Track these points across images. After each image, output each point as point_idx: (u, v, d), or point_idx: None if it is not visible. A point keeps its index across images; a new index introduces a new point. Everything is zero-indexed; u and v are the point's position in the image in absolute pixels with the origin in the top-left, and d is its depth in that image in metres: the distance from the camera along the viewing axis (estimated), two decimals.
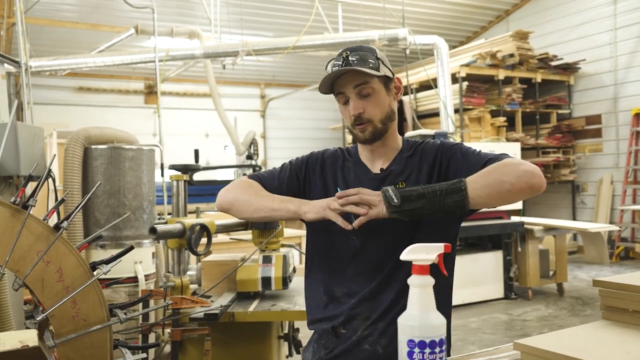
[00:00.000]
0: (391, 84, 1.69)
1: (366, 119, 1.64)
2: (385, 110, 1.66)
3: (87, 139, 3.56)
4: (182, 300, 2.50)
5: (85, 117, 10.68)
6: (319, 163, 1.78)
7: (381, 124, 1.66)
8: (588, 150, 10.13)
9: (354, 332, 1.64)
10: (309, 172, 1.78)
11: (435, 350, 1.07)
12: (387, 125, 1.67)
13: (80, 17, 9.40)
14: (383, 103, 1.65)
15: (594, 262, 8.86)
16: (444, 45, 8.13)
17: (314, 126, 13.67)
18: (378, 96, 1.64)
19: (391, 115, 1.68)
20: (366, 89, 1.63)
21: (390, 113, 1.68)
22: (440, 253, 1.15)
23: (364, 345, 1.63)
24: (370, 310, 1.63)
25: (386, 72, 1.65)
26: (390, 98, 1.68)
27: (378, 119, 1.65)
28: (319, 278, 1.74)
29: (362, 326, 1.63)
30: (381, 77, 1.65)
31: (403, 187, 1.53)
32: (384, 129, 1.67)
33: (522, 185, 1.43)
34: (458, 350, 4.83)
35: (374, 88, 1.64)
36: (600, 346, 1.30)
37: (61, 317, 1.51)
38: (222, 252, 4.31)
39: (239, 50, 7.63)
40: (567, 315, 6.05)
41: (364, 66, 1.60)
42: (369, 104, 1.64)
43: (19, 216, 1.51)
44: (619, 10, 9.55)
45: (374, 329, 1.62)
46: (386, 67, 1.66)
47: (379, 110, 1.65)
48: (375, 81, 1.63)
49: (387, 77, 1.67)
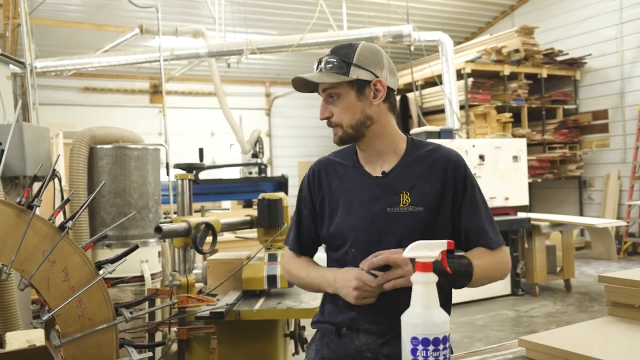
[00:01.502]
0: (366, 88, 1.60)
1: (335, 122, 1.63)
2: (356, 116, 1.60)
3: (92, 139, 3.57)
4: (187, 298, 2.51)
5: (91, 117, 10.71)
6: (316, 182, 1.76)
7: (351, 129, 1.61)
8: (595, 146, 10.08)
9: (357, 338, 1.65)
10: (313, 194, 1.77)
11: (439, 348, 1.07)
12: (359, 131, 1.62)
13: (85, 17, 9.42)
14: (353, 108, 1.60)
15: (602, 257, 8.82)
16: (449, 42, 8.10)
17: (319, 124, 13.36)
18: (345, 101, 1.60)
19: (365, 121, 1.61)
20: (333, 94, 1.62)
21: (364, 119, 1.61)
22: (443, 250, 1.15)
23: (366, 352, 1.64)
24: (371, 322, 1.63)
25: (360, 76, 1.58)
26: (364, 103, 1.61)
27: (347, 124, 1.61)
28: None
29: (363, 335, 1.64)
30: (351, 82, 1.59)
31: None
32: (355, 134, 1.63)
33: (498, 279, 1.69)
34: (465, 347, 4.82)
35: (341, 93, 1.60)
36: (606, 342, 1.30)
37: (67, 316, 1.52)
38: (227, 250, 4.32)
39: (244, 49, 7.63)
40: (574, 312, 6.03)
41: (332, 71, 1.59)
42: (337, 109, 1.62)
43: (24, 216, 1.52)
44: (624, 4, 9.48)
45: (376, 339, 1.63)
46: (364, 69, 1.59)
47: (347, 116, 1.61)
48: (342, 86, 1.59)
49: (361, 80, 1.59)
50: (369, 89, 1.61)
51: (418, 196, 1.61)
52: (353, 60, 1.59)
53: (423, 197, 1.61)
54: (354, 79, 1.59)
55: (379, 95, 1.61)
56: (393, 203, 1.62)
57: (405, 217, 1.60)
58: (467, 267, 1.54)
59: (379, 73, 1.61)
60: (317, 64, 1.64)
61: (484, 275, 1.60)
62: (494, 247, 1.64)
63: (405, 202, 1.61)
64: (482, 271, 1.58)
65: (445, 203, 1.63)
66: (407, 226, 1.60)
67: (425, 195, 1.61)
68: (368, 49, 1.62)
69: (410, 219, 1.60)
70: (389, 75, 1.64)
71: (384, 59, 1.64)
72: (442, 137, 6.61)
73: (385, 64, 1.64)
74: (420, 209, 1.60)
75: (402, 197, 1.62)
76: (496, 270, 1.65)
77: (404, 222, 1.60)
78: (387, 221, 1.61)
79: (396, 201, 1.62)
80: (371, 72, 1.60)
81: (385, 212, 1.62)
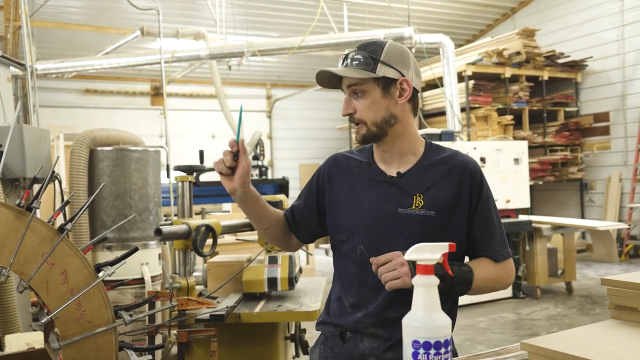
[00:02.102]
0: (392, 86, 1.60)
1: (358, 119, 1.62)
2: (381, 114, 1.59)
3: (92, 141, 3.57)
4: (188, 301, 2.50)
5: (92, 119, 10.72)
6: (327, 174, 1.77)
7: (376, 127, 1.60)
8: (596, 148, 10.07)
9: (361, 342, 1.64)
10: (320, 185, 1.78)
11: (441, 351, 1.06)
12: (383, 129, 1.61)
13: (86, 20, 9.43)
14: (377, 105, 1.59)
15: (603, 260, 8.80)
16: (450, 44, 8.10)
17: (320, 126, 13.66)
18: (371, 98, 1.59)
19: (390, 119, 1.60)
20: (358, 90, 1.60)
21: (389, 117, 1.60)
22: (445, 252, 1.14)
23: (370, 357, 1.63)
24: (376, 325, 1.62)
25: (387, 74, 1.58)
26: (389, 101, 1.60)
27: (371, 122, 1.60)
28: (337, 284, 1.75)
29: (368, 339, 1.63)
30: (377, 79, 1.58)
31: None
32: (379, 132, 1.61)
33: (499, 290, 1.70)
34: (466, 350, 4.81)
35: (366, 90, 1.59)
36: (609, 346, 1.28)
37: (66, 319, 1.51)
38: (228, 252, 4.30)
39: (245, 51, 7.63)
40: (576, 314, 6.01)
41: (359, 67, 1.58)
42: (361, 105, 1.60)
43: (23, 218, 1.51)
44: (626, 7, 9.48)
45: (380, 343, 1.62)
46: (391, 67, 1.58)
47: (371, 113, 1.59)
48: (368, 82, 1.58)
49: (387, 78, 1.59)
50: (395, 88, 1.60)
51: (432, 200, 1.60)
52: (381, 57, 1.58)
53: (437, 201, 1.60)
54: (380, 76, 1.58)
55: (404, 94, 1.61)
56: (406, 204, 1.61)
57: (416, 219, 1.59)
58: (467, 275, 1.54)
59: (406, 72, 1.61)
60: (343, 59, 1.63)
61: (484, 286, 1.60)
62: (499, 260, 1.65)
63: (418, 205, 1.60)
64: (483, 281, 1.58)
65: (460, 210, 1.61)
66: (418, 228, 1.58)
67: (439, 200, 1.60)
68: (396, 47, 1.62)
69: (422, 221, 1.59)
70: (414, 76, 1.63)
71: (411, 59, 1.63)
72: (443, 140, 6.60)
73: (412, 64, 1.63)
74: (432, 212, 1.59)
75: (416, 199, 1.60)
76: (497, 281, 1.65)
77: (414, 224, 1.59)
78: (398, 221, 1.60)
79: (409, 202, 1.60)
80: (398, 70, 1.59)
81: (397, 213, 1.60)
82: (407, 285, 1.41)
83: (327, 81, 1.65)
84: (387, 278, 1.44)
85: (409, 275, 1.42)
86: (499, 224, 1.67)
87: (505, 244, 1.67)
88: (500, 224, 1.68)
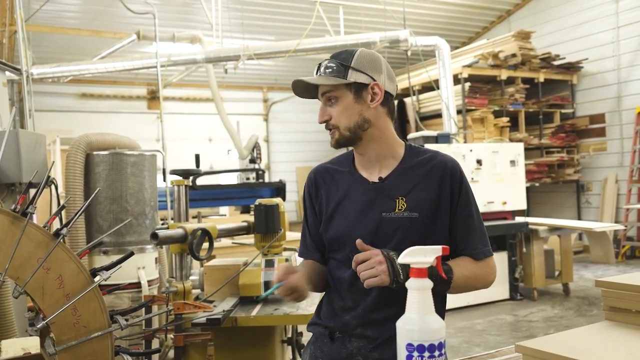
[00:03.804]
0: (364, 91, 1.62)
1: (332, 125, 1.65)
2: (354, 119, 1.62)
3: (88, 145, 3.57)
4: (184, 305, 2.50)
5: (89, 124, 10.69)
6: (314, 187, 1.78)
7: (348, 131, 1.63)
8: (592, 150, 10.09)
9: (349, 342, 1.66)
10: (313, 200, 1.79)
11: (435, 354, 1.07)
12: (357, 134, 1.63)
13: (82, 24, 9.43)
14: (350, 110, 1.62)
15: (600, 261, 8.82)
16: (446, 46, 8.12)
17: (317, 129, 13.52)
18: (343, 104, 1.62)
19: (363, 124, 1.63)
20: (332, 97, 1.63)
21: (362, 121, 1.62)
22: (438, 256, 1.15)
23: (357, 357, 1.65)
24: (363, 326, 1.65)
25: (358, 79, 1.60)
26: (361, 106, 1.62)
27: (344, 127, 1.63)
28: (329, 288, 1.78)
29: (355, 339, 1.66)
30: (349, 85, 1.61)
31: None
32: (352, 136, 1.64)
33: (480, 289, 1.68)
34: (464, 352, 4.81)
35: (339, 96, 1.62)
36: (603, 347, 1.29)
37: (62, 324, 1.51)
38: (225, 256, 4.30)
39: (241, 55, 7.64)
40: (573, 316, 6.02)
41: (332, 74, 1.61)
42: (335, 111, 1.63)
43: (18, 223, 1.51)
44: (621, 9, 9.52)
45: (367, 342, 1.64)
46: (362, 73, 1.61)
47: (345, 118, 1.62)
48: (340, 89, 1.61)
49: (358, 83, 1.61)
50: (367, 92, 1.62)
51: (414, 202, 1.62)
52: (351, 64, 1.61)
53: (419, 202, 1.62)
54: (351, 82, 1.60)
55: (376, 98, 1.62)
56: (389, 208, 1.62)
57: (400, 222, 1.61)
58: (446, 274, 1.53)
59: (377, 77, 1.63)
60: (317, 69, 1.66)
61: (464, 284, 1.60)
62: (480, 258, 1.65)
63: (401, 208, 1.61)
64: (463, 280, 1.58)
65: (442, 210, 1.63)
66: (402, 231, 1.60)
67: (421, 202, 1.62)
68: (366, 54, 1.65)
69: (405, 224, 1.60)
70: (387, 80, 1.65)
71: (382, 65, 1.66)
72: (439, 142, 6.61)
73: (384, 69, 1.65)
74: (416, 214, 1.60)
75: (398, 203, 1.62)
76: (478, 280, 1.65)
77: (398, 227, 1.60)
78: (382, 226, 1.62)
79: (392, 206, 1.62)
80: (369, 75, 1.62)
81: (381, 217, 1.62)
82: (384, 283, 1.44)
83: (304, 91, 1.69)
84: (365, 276, 1.45)
85: (387, 273, 1.44)
86: (480, 222, 1.68)
87: (486, 242, 1.68)
88: (481, 222, 1.69)
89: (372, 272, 1.45)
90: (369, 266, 1.45)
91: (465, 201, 1.66)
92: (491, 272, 1.68)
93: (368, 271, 1.45)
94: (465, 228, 1.65)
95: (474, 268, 1.64)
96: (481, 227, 1.68)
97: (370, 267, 1.45)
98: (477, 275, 1.64)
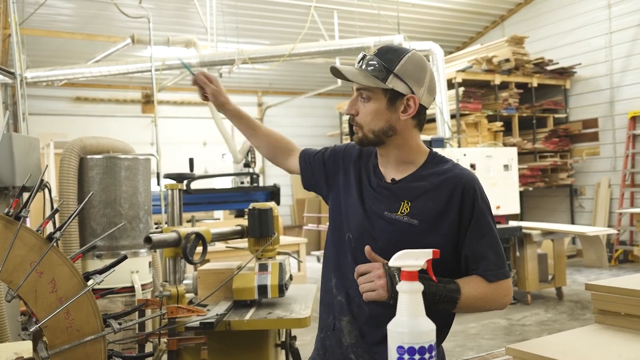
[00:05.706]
0: (399, 101, 1.56)
1: (357, 122, 1.62)
2: (380, 124, 1.58)
3: (82, 149, 3.56)
4: (177, 309, 2.50)
5: (83, 127, 10.68)
6: (340, 156, 1.81)
7: (372, 134, 1.60)
8: (585, 154, 10.14)
9: (343, 338, 1.69)
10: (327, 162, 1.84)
11: (425, 357, 1.08)
12: (380, 138, 1.60)
13: (76, 28, 9.42)
14: (379, 115, 1.57)
15: (593, 265, 8.84)
16: (439, 51, 8.16)
17: (311, 133, 13.68)
18: (375, 106, 1.57)
19: (388, 131, 1.59)
20: (365, 95, 1.59)
21: (387, 128, 1.58)
22: (428, 259, 1.16)
23: (350, 355, 1.66)
24: (352, 325, 1.67)
25: (396, 87, 1.54)
26: (392, 114, 1.57)
27: (369, 129, 1.59)
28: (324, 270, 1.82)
29: (347, 338, 1.68)
30: (385, 90, 1.56)
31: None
32: (375, 140, 1.61)
33: (492, 310, 1.64)
34: (457, 355, 4.82)
35: (372, 97, 1.57)
36: (592, 350, 1.30)
37: (55, 327, 1.51)
38: (218, 260, 4.30)
39: (235, 59, 7.65)
40: (566, 320, 6.05)
41: (372, 73, 1.56)
42: (364, 110, 1.59)
43: (11, 227, 1.51)
44: (613, 14, 9.59)
45: (357, 341, 1.66)
46: (402, 81, 1.54)
47: (372, 120, 1.58)
48: (376, 90, 1.56)
49: (395, 91, 1.55)
50: (401, 102, 1.57)
51: (418, 209, 1.58)
52: (394, 69, 1.54)
53: (422, 211, 1.58)
54: (389, 88, 1.55)
55: (409, 110, 1.57)
56: (392, 209, 1.61)
57: (398, 224, 1.59)
58: (452, 293, 1.49)
59: (416, 89, 1.57)
60: (360, 60, 1.61)
61: (473, 305, 1.54)
62: (492, 280, 1.56)
63: (404, 211, 1.59)
64: (471, 300, 1.53)
65: (446, 223, 1.57)
66: (398, 234, 1.58)
67: (425, 210, 1.58)
68: (414, 61, 1.57)
69: (403, 228, 1.58)
70: (425, 93, 1.59)
71: (427, 76, 1.59)
72: (433, 146, 6.62)
73: (426, 81, 1.59)
74: (415, 222, 1.57)
75: (402, 206, 1.60)
76: (489, 302, 1.58)
77: (396, 229, 1.59)
78: (382, 223, 1.61)
79: (395, 208, 1.61)
80: (409, 86, 1.56)
81: (382, 215, 1.62)
82: (382, 298, 1.41)
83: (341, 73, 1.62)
84: (364, 289, 1.45)
85: (385, 288, 1.41)
86: (496, 242, 1.59)
87: (502, 263, 1.58)
88: (498, 242, 1.60)
89: (371, 285, 1.43)
90: (369, 279, 1.44)
91: (479, 219, 1.58)
92: (505, 294, 1.59)
93: (367, 284, 1.44)
94: (477, 248, 1.58)
95: (485, 289, 1.56)
96: (496, 249, 1.59)
97: (370, 281, 1.44)
98: (488, 296, 1.56)
